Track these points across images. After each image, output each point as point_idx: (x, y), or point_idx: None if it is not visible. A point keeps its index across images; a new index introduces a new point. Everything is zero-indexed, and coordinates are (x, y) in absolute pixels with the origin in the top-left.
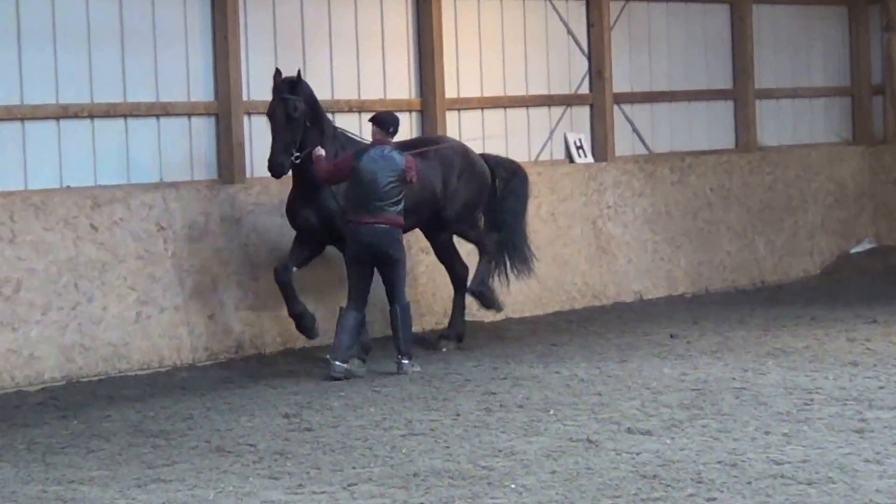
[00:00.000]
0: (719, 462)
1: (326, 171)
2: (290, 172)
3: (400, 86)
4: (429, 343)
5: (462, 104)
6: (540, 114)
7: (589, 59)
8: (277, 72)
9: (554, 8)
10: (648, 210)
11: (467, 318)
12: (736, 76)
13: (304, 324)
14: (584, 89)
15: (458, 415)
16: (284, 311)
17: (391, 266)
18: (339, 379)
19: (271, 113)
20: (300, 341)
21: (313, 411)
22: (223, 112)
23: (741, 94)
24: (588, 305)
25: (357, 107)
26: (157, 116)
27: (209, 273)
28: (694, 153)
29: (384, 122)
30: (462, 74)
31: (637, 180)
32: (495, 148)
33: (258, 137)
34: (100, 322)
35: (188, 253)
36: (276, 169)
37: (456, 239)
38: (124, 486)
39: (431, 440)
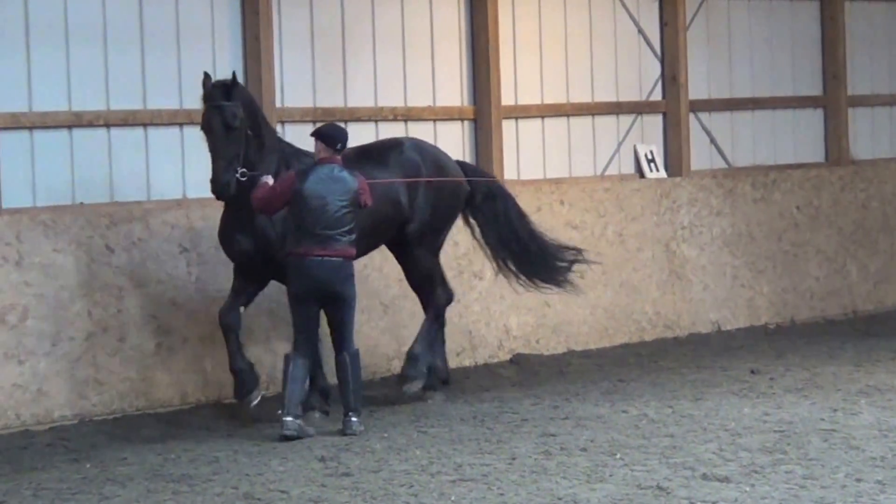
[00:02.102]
0: None
1: (262, 198)
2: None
3: (451, 92)
4: (483, 379)
5: (520, 112)
6: (607, 123)
7: (662, 62)
8: (206, 76)
9: (623, 5)
10: (728, 231)
11: (505, 350)
12: (826, 81)
13: (244, 386)
14: (657, 96)
15: (514, 458)
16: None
17: (341, 306)
18: (292, 438)
19: (207, 125)
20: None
21: (352, 454)
22: None
23: (832, 101)
24: (659, 337)
25: (403, 115)
26: (181, 125)
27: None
28: (779, 167)
29: (330, 136)
30: (520, 79)
31: (715, 197)
32: (557, 161)
33: None
34: (115, 354)
35: (214, 277)
36: (221, 191)
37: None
38: None
39: (484, 487)
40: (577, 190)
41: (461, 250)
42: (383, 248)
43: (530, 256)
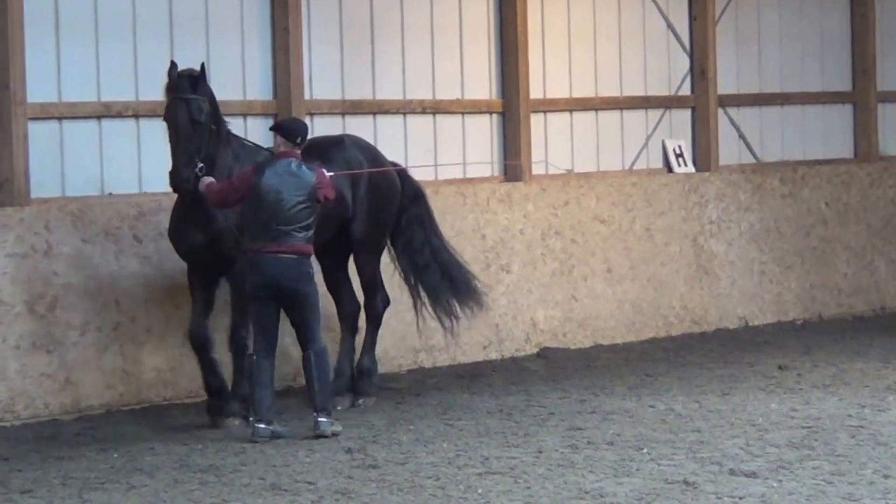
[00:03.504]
0: None
1: (219, 191)
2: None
3: (479, 85)
4: (510, 372)
5: (548, 106)
6: (635, 117)
7: (691, 56)
8: (173, 65)
9: None
10: (756, 226)
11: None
12: (856, 77)
13: (213, 407)
14: (686, 90)
15: (541, 452)
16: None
17: (300, 304)
18: (262, 442)
19: (171, 117)
20: None
21: (379, 446)
22: (282, 112)
23: (861, 97)
24: (687, 332)
25: (432, 108)
26: None
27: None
28: (807, 163)
29: (290, 130)
30: (549, 73)
31: (743, 193)
32: (585, 155)
33: None
34: (143, 344)
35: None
36: (181, 185)
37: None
38: None
39: (510, 480)
40: (605, 184)
41: (488, 243)
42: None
43: (450, 268)
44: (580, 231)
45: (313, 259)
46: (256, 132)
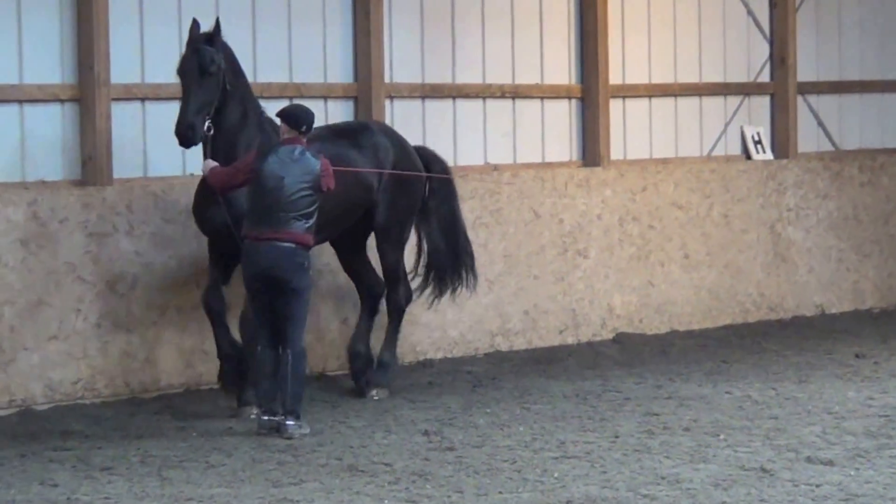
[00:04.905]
0: None
1: (222, 173)
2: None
3: (559, 70)
4: (586, 357)
5: (627, 91)
6: (714, 104)
7: (770, 43)
8: (195, 22)
9: None
10: (834, 214)
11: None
12: None
13: (227, 376)
14: (765, 77)
15: (617, 437)
16: (426, 317)
17: (289, 298)
18: (267, 433)
19: (181, 67)
20: (441, 352)
21: (456, 429)
22: (363, 95)
23: None
24: (763, 319)
25: (511, 92)
26: (290, 98)
27: (342, 273)
28: (887, 151)
29: (294, 117)
30: (628, 58)
31: (822, 180)
32: (664, 141)
33: (401, 123)
34: None
35: (323, 247)
36: (185, 135)
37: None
38: None
39: (587, 464)
40: (683, 170)
41: (566, 228)
42: (486, 223)
43: (466, 256)
44: (658, 217)
45: (315, 261)
46: (337, 116)
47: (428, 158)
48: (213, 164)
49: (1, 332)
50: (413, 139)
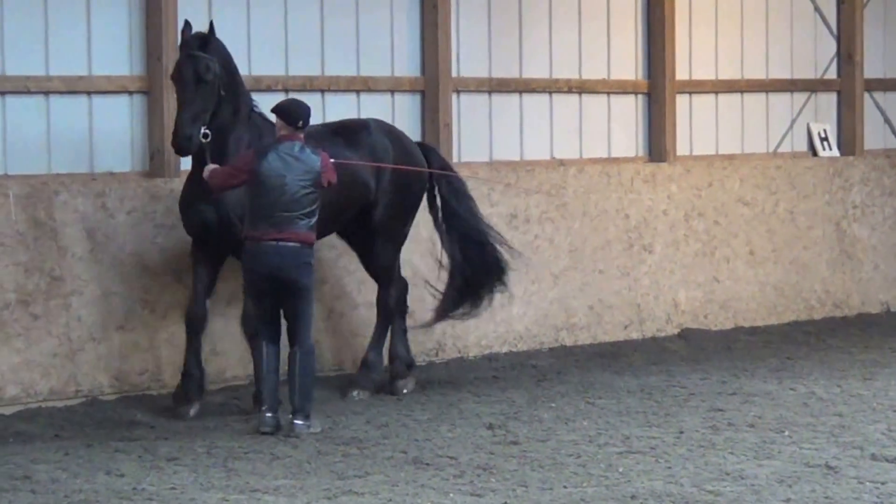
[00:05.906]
0: None
1: (222, 173)
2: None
3: (625, 65)
4: (650, 352)
5: (694, 87)
6: (781, 100)
7: (837, 39)
8: (187, 24)
9: None
10: None
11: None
12: None
13: (186, 394)
14: (832, 74)
15: (682, 432)
16: (491, 311)
17: (296, 296)
18: (270, 433)
19: (177, 74)
20: (506, 345)
21: (520, 423)
22: (430, 89)
23: None
24: (828, 316)
25: (577, 87)
26: (357, 92)
27: (409, 265)
28: None
29: (291, 113)
30: (695, 54)
31: (888, 177)
32: (730, 137)
33: (468, 117)
34: None
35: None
36: (182, 145)
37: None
38: (312, 498)
39: (651, 459)
40: (749, 166)
41: (632, 223)
42: (552, 217)
43: (484, 254)
44: (723, 213)
45: (317, 258)
46: (404, 110)
47: (427, 153)
48: (213, 166)
49: (68, 323)
50: (479, 133)
